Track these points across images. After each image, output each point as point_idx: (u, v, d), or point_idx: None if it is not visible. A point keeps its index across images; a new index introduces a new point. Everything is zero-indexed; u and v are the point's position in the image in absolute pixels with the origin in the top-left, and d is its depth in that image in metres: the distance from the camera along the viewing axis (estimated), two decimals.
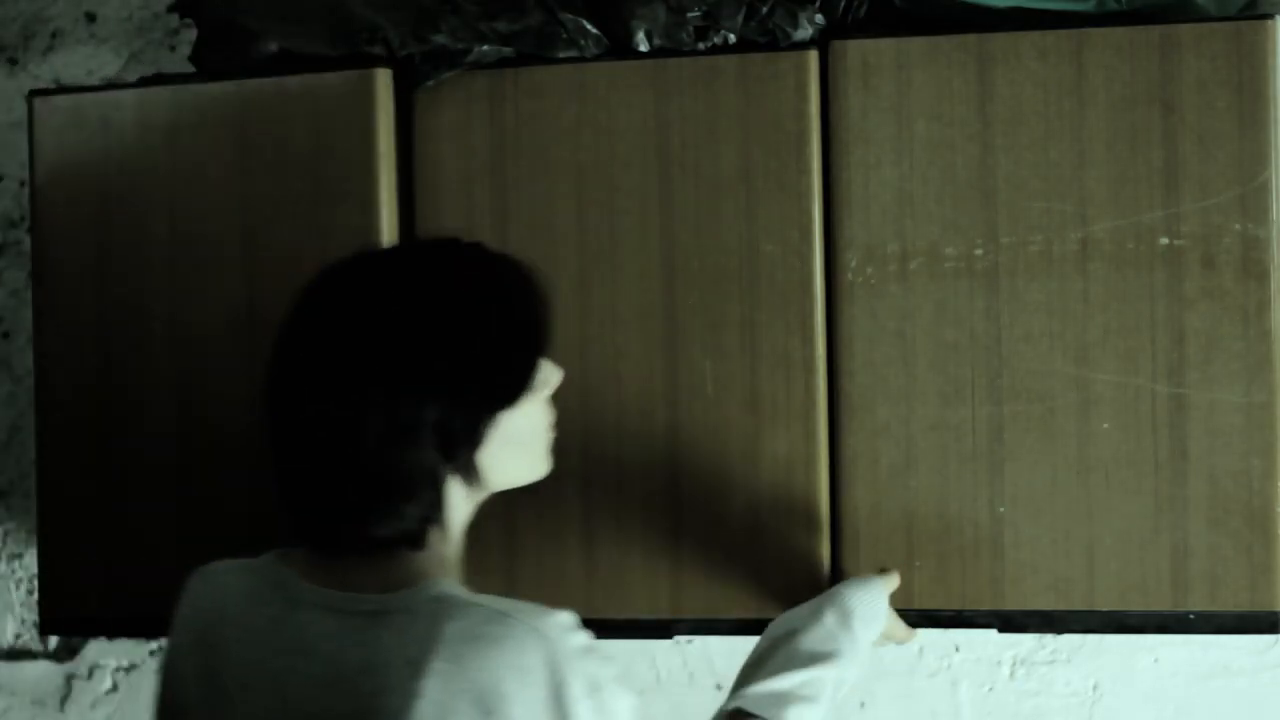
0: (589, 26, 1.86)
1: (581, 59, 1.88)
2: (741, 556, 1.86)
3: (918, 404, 1.82)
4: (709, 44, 1.84)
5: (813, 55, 1.84)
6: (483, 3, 1.86)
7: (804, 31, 1.84)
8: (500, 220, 1.91)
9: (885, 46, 1.83)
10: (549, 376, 1.55)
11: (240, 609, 1.50)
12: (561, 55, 1.88)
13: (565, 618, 1.42)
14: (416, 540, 1.47)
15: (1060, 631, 1.82)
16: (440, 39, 1.89)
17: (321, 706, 1.42)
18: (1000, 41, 1.81)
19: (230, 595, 1.52)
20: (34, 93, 2.05)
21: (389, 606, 1.43)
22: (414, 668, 1.39)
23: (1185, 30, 1.79)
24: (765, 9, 1.83)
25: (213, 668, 1.49)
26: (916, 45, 1.83)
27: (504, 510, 1.92)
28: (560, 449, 1.90)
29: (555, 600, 1.88)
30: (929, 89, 1.82)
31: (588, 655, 1.41)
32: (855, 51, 1.84)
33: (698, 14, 1.83)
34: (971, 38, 1.82)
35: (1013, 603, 1.81)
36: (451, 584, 1.46)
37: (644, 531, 1.86)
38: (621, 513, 1.88)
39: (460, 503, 1.52)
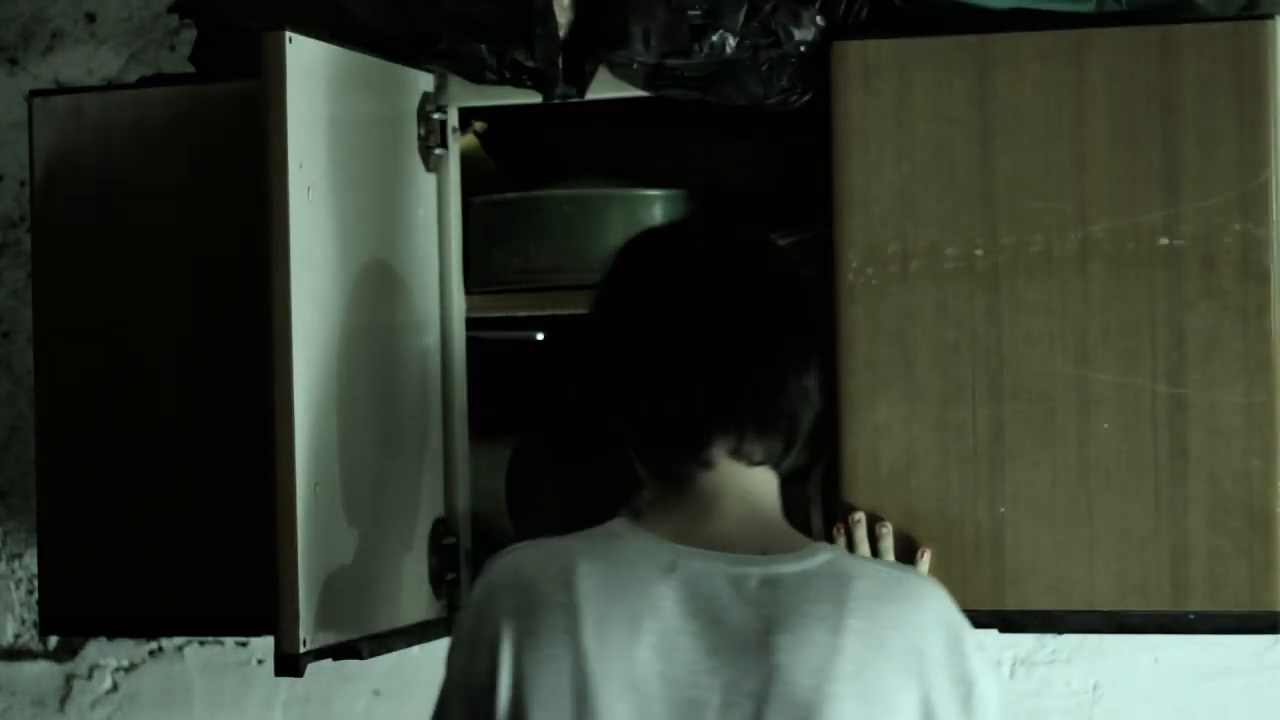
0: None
1: None
2: None
3: (918, 404, 1.82)
4: (707, 44, 1.83)
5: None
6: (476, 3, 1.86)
7: (806, 32, 1.83)
8: None
9: (886, 47, 1.82)
10: None
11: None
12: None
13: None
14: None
15: (1060, 631, 1.82)
16: (438, 38, 1.89)
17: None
18: (1001, 42, 1.80)
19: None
20: (34, 93, 2.05)
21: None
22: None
23: (1185, 30, 1.79)
24: (768, 7, 1.82)
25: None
26: (917, 46, 1.82)
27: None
28: None
29: None
30: (930, 90, 1.81)
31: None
32: (856, 52, 1.83)
33: (698, 13, 1.82)
34: (972, 39, 1.81)
35: (1013, 603, 1.81)
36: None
37: None
38: None
39: None
